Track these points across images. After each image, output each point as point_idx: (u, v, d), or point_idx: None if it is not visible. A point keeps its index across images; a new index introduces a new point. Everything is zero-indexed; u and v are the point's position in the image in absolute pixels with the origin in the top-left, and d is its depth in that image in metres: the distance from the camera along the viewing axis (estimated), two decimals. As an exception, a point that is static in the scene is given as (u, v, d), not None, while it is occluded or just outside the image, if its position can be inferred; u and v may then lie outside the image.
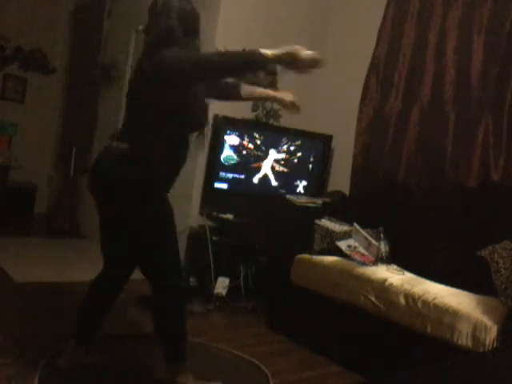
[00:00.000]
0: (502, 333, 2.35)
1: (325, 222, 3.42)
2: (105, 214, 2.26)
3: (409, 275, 3.01)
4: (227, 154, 3.80)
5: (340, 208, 3.73)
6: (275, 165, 4.02)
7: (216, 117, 3.71)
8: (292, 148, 4.06)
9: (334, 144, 4.26)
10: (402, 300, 2.66)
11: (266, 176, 4.00)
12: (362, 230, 3.26)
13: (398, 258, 3.21)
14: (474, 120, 3.35)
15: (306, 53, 2.10)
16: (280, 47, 2.06)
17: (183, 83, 2.09)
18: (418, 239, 3.30)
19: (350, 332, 2.91)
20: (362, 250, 3.19)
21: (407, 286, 2.72)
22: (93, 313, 2.39)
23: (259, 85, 4.15)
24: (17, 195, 5.47)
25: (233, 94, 2.56)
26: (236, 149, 3.84)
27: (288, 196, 3.78)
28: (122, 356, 2.61)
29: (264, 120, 4.21)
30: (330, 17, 4.55)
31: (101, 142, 5.31)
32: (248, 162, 3.91)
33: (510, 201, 3.05)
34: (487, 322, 2.38)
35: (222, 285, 3.60)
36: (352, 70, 4.22)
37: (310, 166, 4.18)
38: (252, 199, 3.93)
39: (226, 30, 3.95)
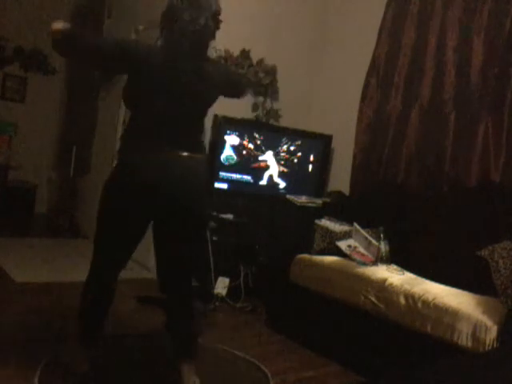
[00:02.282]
0: (502, 333, 2.35)
1: (325, 222, 3.42)
2: (183, 223, 2.26)
3: (409, 275, 3.01)
4: (227, 154, 3.81)
5: (340, 208, 3.73)
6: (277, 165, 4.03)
7: (216, 117, 3.71)
8: (292, 148, 4.06)
9: (334, 144, 4.26)
10: (402, 300, 2.66)
11: (271, 177, 4.01)
12: (362, 230, 3.26)
13: (398, 258, 3.21)
14: (474, 120, 3.35)
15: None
16: None
17: None
18: (417, 239, 3.30)
19: (350, 332, 2.91)
20: (362, 250, 3.19)
21: (407, 286, 2.72)
22: (95, 312, 2.38)
23: (258, 84, 4.18)
24: (17, 195, 5.47)
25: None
26: (236, 149, 3.84)
27: (288, 196, 3.78)
28: (122, 356, 2.61)
29: (264, 120, 4.22)
30: (329, 17, 4.55)
31: (101, 142, 5.32)
32: (248, 162, 3.91)
33: (510, 201, 3.05)
34: (487, 321, 2.38)
35: (221, 285, 3.60)
36: (352, 70, 4.23)
37: (310, 166, 4.18)
38: (252, 199, 3.93)
39: (225, 30, 3.94)
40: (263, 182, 3.99)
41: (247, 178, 3.93)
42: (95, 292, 2.34)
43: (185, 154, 2.19)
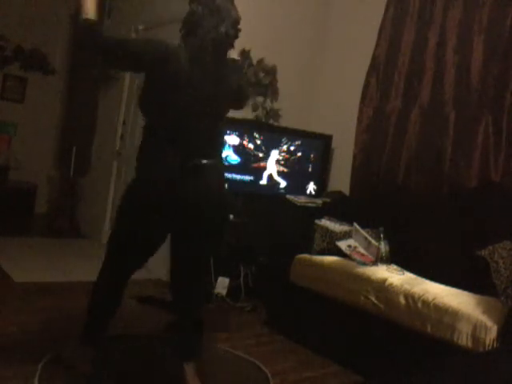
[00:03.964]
0: (502, 333, 2.35)
1: (325, 222, 3.42)
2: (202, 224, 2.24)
3: (409, 275, 3.01)
4: (227, 154, 3.80)
5: (340, 208, 3.73)
6: (276, 165, 4.03)
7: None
8: (292, 148, 4.06)
9: (334, 144, 4.26)
10: (402, 300, 2.66)
11: (270, 176, 4.01)
12: (361, 230, 3.26)
13: (398, 258, 3.21)
14: (473, 120, 3.35)
15: None
16: None
17: None
18: (417, 239, 3.30)
19: (350, 332, 2.91)
20: (362, 250, 3.19)
21: (407, 286, 2.72)
22: (102, 313, 2.38)
23: (259, 84, 4.18)
24: (17, 195, 5.47)
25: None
26: (236, 149, 3.84)
27: (288, 196, 3.78)
28: (122, 356, 2.61)
29: (264, 120, 4.22)
30: (329, 17, 4.55)
31: (101, 141, 5.32)
32: (248, 162, 3.91)
33: (510, 201, 3.05)
34: (487, 321, 2.38)
35: (222, 285, 3.60)
36: (352, 70, 4.23)
37: (310, 165, 4.18)
38: (252, 199, 3.93)
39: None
40: (263, 181, 3.99)
41: (247, 177, 3.93)
42: (105, 294, 2.34)
43: (205, 161, 2.17)
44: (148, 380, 2.42)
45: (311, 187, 4.14)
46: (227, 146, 3.80)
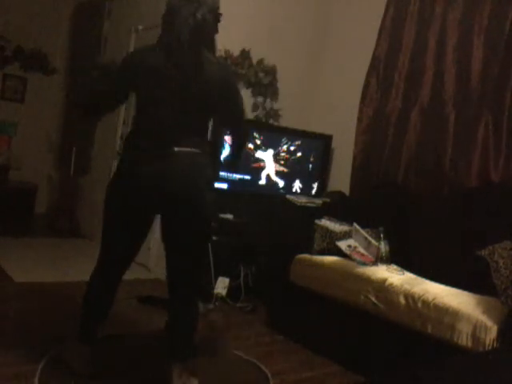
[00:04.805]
0: (501, 333, 2.35)
1: (325, 222, 3.42)
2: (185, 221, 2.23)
3: (409, 275, 3.01)
4: (227, 153, 3.80)
5: (340, 208, 3.73)
6: (275, 164, 4.02)
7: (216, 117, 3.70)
8: (292, 148, 4.06)
9: (334, 144, 4.26)
10: (402, 300, 2.67)
11: (268, 176, 4.01)
12: (361, 230, 3.26)
13: (398, 258, 3.21)
14: (474, 120, 3.35)
15: None
16: None
17: None
18: (417, 239, 3.30)
19: (350, 332, 2.91)
20: (362, 250, 3.19)
21: (407, 286, 2.72)
22: (96, 311, 2.39)
23: (259, 84, 4.18)
24: (17, 195, 5.46)
25: None
26: (236, 149, 3.84)
27: (288, 196, 3.79)
28: (122, 356, 2.61)
29: (264, 120, 4.22)
30: (329, 17, 4.55)
31: (101, 141, 5.32)
32: (248, 162, 3.91)
33: (510, 201, 3.05)
34: (487, 322, 2.38)
35: (221, 285, 3.60)
36: (352, 70, 4.23)
37: (310, 165, 4.18)
38: (252, 199, 3.93)
39: (225, 31, 3.94)
40: (262, 181, 3.99)
41: (247, 177, 3.93)
42: (98, 290, 2.35)
43: (182, 149, 2.18)
44: (148, 380, 2.42)
45: (297, 185, 4.15)
46: (227, 146, 3.80)
